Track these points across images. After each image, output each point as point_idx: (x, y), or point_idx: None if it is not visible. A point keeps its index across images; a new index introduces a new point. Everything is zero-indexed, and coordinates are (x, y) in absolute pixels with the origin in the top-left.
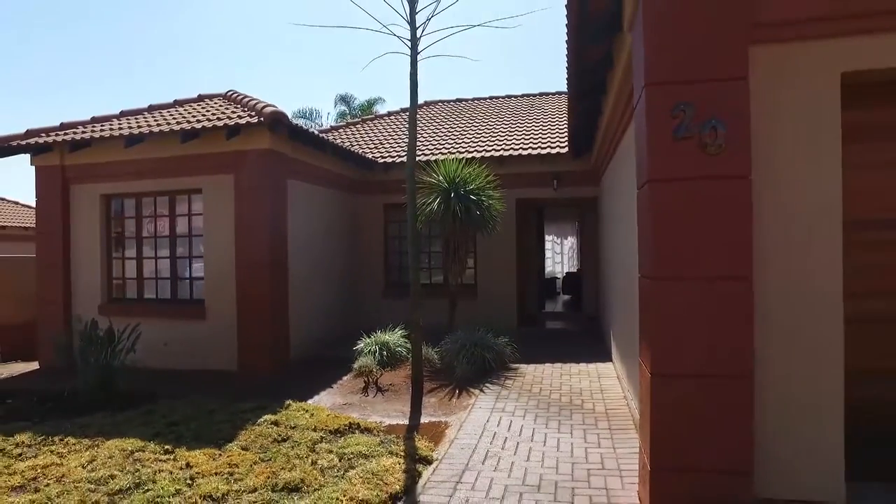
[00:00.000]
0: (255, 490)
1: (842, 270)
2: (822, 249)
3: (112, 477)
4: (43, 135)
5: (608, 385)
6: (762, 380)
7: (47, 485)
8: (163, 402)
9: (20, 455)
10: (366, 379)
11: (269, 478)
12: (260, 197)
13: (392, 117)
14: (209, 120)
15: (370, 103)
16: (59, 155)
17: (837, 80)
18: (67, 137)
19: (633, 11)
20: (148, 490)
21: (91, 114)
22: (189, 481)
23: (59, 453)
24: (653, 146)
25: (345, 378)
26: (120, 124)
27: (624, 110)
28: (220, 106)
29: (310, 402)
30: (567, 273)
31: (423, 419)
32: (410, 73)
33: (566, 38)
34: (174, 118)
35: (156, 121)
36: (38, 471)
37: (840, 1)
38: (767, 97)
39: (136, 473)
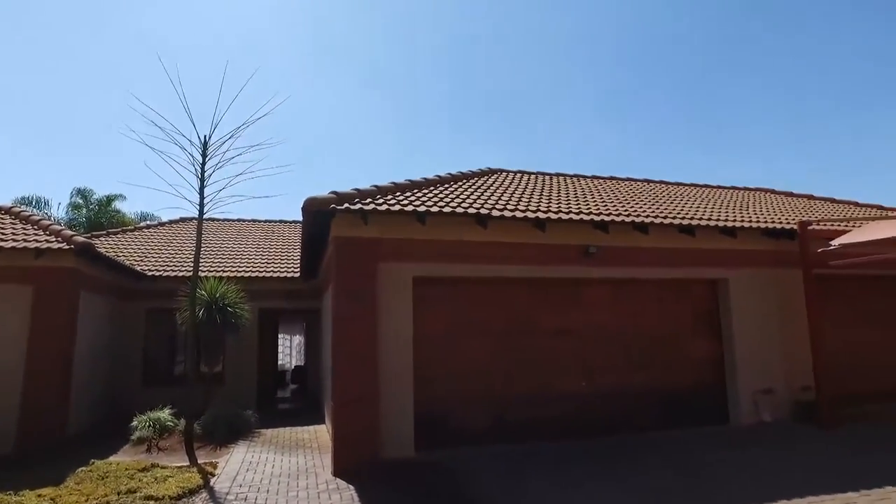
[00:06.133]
0: (106, 495)
1: (412, 356)
2: (404, 348)
3: None
4: None
5: (321, 436)
6: (382, 406)
7: None
8: None
9: None
10: (148, 444)
11: (111, 490)
12: (59, 306)
13: (153, 230)
14: (14, 239)
15: (109, 199)
16: None
17: (411, 278)
18: None
19: (330, 241)
20: None
21: None
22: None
23: None
24: (337, 301)
25: (125, 447)
26: None
27: (329, 277)
28: (11, 222)
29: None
30: (295, 366)
31: (200, 461)
32: (197, 228)
33: (301, 237)
34: None
35: None
36: None
37: (408, 253)
38: (384, 283)
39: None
